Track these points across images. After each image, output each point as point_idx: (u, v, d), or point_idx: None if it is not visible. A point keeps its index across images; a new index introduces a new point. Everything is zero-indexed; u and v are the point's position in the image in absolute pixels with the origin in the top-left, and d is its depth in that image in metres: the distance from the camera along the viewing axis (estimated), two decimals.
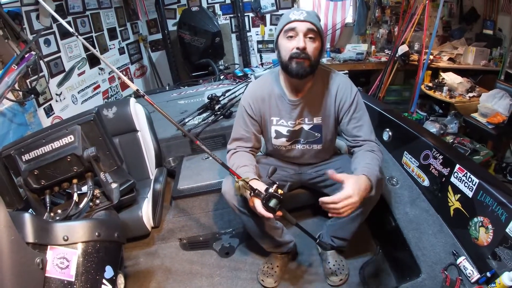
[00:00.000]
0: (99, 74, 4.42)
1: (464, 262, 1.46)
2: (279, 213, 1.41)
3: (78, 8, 3.99)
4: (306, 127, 1.73)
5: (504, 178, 3.58)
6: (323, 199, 1.37)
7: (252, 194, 1.41)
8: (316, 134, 1.74)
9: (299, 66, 1.52)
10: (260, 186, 1.43)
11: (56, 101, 3.45)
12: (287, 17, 1.52)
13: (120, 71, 4.94)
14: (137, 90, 1.42)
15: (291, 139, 1.77)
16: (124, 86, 5.03)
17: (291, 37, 1.51)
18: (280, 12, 5.62)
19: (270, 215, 1.40)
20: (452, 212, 1.63)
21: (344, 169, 1.73)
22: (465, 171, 1.56)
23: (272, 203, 1.38)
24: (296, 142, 1.79)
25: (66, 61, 3.70)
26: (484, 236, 1.42)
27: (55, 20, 3.49)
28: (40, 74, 3.04)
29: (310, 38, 1.50)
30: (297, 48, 1.49)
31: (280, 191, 1.39)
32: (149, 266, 2.12)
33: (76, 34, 1.54)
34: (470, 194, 1.52)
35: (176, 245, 2.26)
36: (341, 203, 1.33)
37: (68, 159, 1.24)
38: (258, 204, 1.41)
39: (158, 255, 2.19)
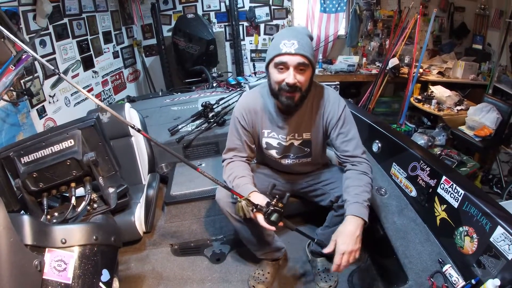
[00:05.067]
0: (92, 77, 4.42)
1: (449, 270, 1.50)
2: (280, 224, 1.46)
3: (75, 10, 4.01)
4: (296, 143, 1.75)
5: (490, 190, 3.67)
6: (333, 269, 1.45)
7: (254, 210, 1.45)
8: (305, 149, 1.77)
9: (288, 100, 1.54)
10: (261, 200, 1.47)
11: (49, 102, 3.45)
12: (278, 46, 1.47)
13: (113, 75, 4.97)
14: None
15: (281, 154, 1.79)
16: (117, 90, 5.03)
17: (281, 69, 1.50)
18: (275, 22, 5.71)
19: (273, 228, 1.45)
20: (438, 221, 1.68)
21: (333, 180, 1.78)
22: (451, 182, 1.61)
23: (274, 217, 1.42)
24: (286, 157, 1.81)
25: (61, 62, 3.70)
26: (469, 245, 1.47)
27: (52, 21, 3.50)
28: (35, 75, 3.04)
29: (301, 69, 1.50)
30: (287, 84, 1.49)
31: (280, 204, 1.44)
32: (140, 271, 2.12)
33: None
34: (456, 204, 1.57)
35: (167, 251, 2.27)
36: (342, 262, 1.41)
37: (68, 163, 1.25)
38: (261, 219, 1.45)
39: (149, 260, 2.19)
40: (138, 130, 1.38)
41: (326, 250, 1.48)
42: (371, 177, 1.62)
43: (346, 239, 1.42)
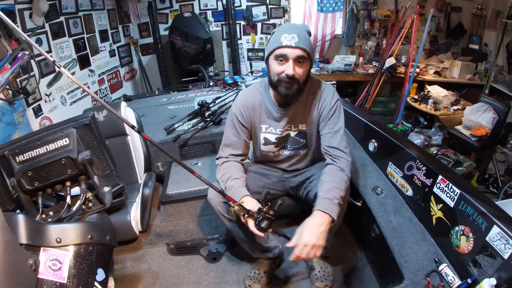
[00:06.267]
0: (89, 75, 4.41)
1: (445, 269, 1.50)
2: (270, 230, 1.48)
3: (71, 8, 3.99)
4: (292, 134, 1.79)
5: (486, 189, 3.69)
6: (291, 258, 1.46)
7: (246, 215, 1.47)
8: (301, 141, 1.81)
9: (287, 90, 1.59)
10: (253, 206, 1.50)
11: (45, 101, 3.43)
12: (279, 40, 1.54)
13: (110, 74, 4.96)
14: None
15: (279, 145, 1.83)
16: (113, 88, 5.02)
17: (281, 61, 1.55)
18: (272, 21, 5.70)
19: (262, 234, 1.48)
20: (434, 221, 1.68)
21: (317, 176, 1.78)
22: (447, 182, 1.61)
23: (264, 224, 1.45)
24: (283, 148, 1.84)
25: (57, 61, 3.65)
26: (465, 244, 1.47)
27: (48, 19, 3.48)
28: (31, 74, 3.02)
29: (299, 62, 1.55)
30: (286, 75, 1.54)
31: (271, 211, 1.47)
32: (136, 271, 2.12)
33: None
34: (451, 204, 1.57)
35: (163, 250, 2.27)
36: (302, 254, 1.42)
37: (63, 162, 1.24)
38: (251, 224, 1.48)
39: (145, 260, 2.19)
40: (139, 132, 1.38)
41: (290, 244, 1.47)
42: (348, 174, 1.65)
43: (309, 232, 1.44)
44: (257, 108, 1.76)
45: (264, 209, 1.46)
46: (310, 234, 1.42)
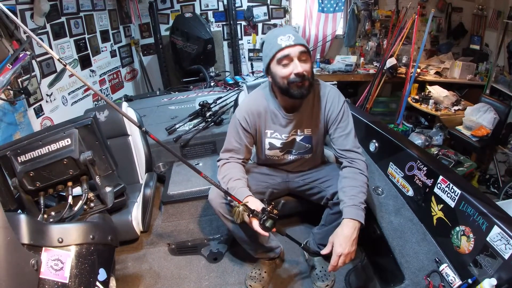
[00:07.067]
0: (90, 76, 4.41)
1: (446, 269, 1.51)
2: (273, 230, 1.48)
3: (72, 9, 3.98)
4: (298, 139, 1.78)
5: (487, 190, 3.68)
6: (329, 269, 1.49)
7: (251, 215, 1.47)
8: (307, 145, 1.80)
9: (301, 89, 1.56)
10: (257, 206, 1.49)
11: (47, 101, 3.43)
12: (276, 43, 1.52)
13: (111, 74, 4.96)
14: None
15: (284, 150, 1.82)
16: (114, 89, 5.02)
17: (285, 63, 1.53)
18: (272, 22, 5.70)
19: (266, 234, 1.47)
20: (435, 221, 1.68)
21: (328, 178, 1.80)
22: (448, 182, 1.61)
23: (269, 223, 1.44)
24: (288, 153, 1.84)
25: (58, 61, 3.67)
26: (466, 244, 1.47)
27: (49, 19, 3.49)
28: (32, 74, 3.02)
29: (303, 59, 1.54)
30: (296, 75, 1.52)
31: (275, 211, 1.47)
32: (137, 271, 2.12)
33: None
34: (452, 204, 1.57)
35: (164, 250, 2.27)
36: (339, 263, 1.46)
37: (65, 162, 1.25)
38: (255, 224, 1.47)
39: (147, 260, 2.19)
40: (146, 132, 1.38)
41: (324, 252, 1.52)
42: (367, 175, 1.65)
43: (342, 241, 1.45)
44: (262, 114, 1.74)
45: (268, 208, 1.46)
46: (344, 244, 1.45)
